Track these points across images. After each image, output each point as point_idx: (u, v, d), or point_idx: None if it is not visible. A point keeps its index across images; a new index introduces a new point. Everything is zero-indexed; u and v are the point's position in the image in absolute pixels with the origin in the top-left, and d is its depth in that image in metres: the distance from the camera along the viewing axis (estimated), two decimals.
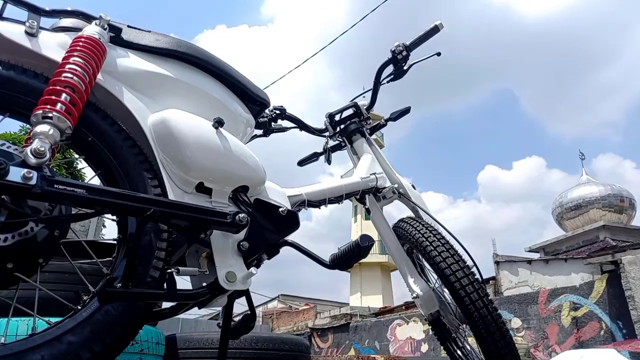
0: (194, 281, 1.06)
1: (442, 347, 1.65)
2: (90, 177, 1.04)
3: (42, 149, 0.76)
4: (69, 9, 1.00)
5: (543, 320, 8.61)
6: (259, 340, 2.54)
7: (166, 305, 1.13)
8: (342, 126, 1.81)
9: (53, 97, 0.80)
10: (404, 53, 1.67)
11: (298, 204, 1.31)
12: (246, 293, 1.12)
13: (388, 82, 1.78)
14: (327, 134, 1.84)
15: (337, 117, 1.80)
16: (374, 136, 1.88)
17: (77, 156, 0.97)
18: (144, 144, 0.98)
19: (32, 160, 0.75)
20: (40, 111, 0.78)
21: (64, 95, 0.81)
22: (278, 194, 1.20)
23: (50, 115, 0.78)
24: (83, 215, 0.89)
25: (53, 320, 0.81)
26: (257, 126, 1.67)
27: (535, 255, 14.30)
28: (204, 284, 0.99)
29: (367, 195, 1.63)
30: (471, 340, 1.42)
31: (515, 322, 8.95)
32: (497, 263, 11.42)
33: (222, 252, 1.00)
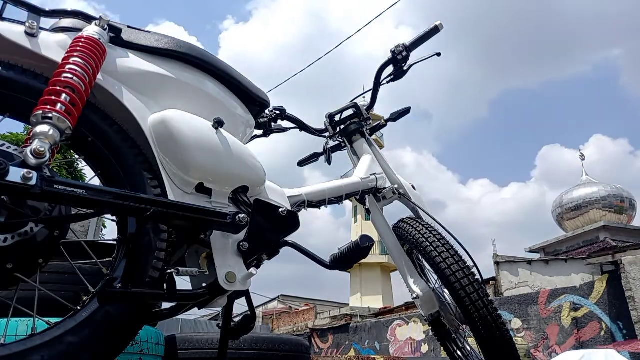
0: (193, 282, 1.06)
1: (442, 348, 1.65)
2: (91, 177, 1.04)
3: (42, 149, 0.76)
4: (69, 9, 1.00)
5: (543, 321, 8.61)
6: (258, 341, 2.53)
7: (166, 305, 1.13)
8: (342, 127, 1.81)
9: (53, 98, 0.80)
10: (404, 53, 1.67)
11: (298, 205, 1.31)
12: (246, 293, 1.12)
13: (388, 82, 1.78)
14: (327, 134, 1.84)
15: (337, 118, 1.80)
16: (374, 136, 1.88)
17: (77, 157, 0.97)
18: (144, 144, 0.98)
19: (32, 160, 0.75)
20: (40, 111, 0.78)
21: (63, 95, 0.81)
22: (278, 195, 1.20)
23: (50, 115, 0.78)
24: (83, 215, 0.89)
25: (53, 320, 0.81)
26: (257, 126, 1.66)
27: (536, 256, 14.31)
28: (204, 285, 0.99)
29: (367, 196, 1.63)
30: (471, 340, 1.42)
31: (516, 323, 8.95)
32: (497, 264, 11.42)
33: (222, 252, 1.00)
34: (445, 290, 1.48)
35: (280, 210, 1.13)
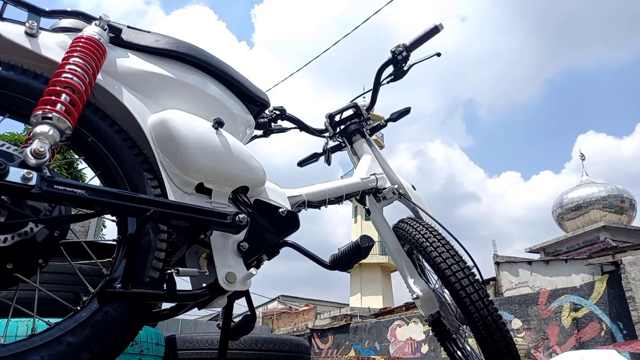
0: (193, 282, 1.06)
1: (442, 348, 1.65)
2: (90, 177, 1.04)
3: (42, 149, 0.76)
4: (69, 9, 1.00)
5: (543, 321, 8.60)
6: (258, 341, 2.53)
7: (166, 305, 1.13)
8: (342, 127, 1.81)
9: (53, 98, 0.80)
10: (404, 54, 1.67)
11: (298, 205, 1.31)
12: (246, 294, 1.11)
13: (388, 82, 1.78)
14: (327, 134, 1.84)
15: (337, 118, 1.80)
16: (374, 137, 1.88)
17: (77, 157, 0.97)
18: (144, 144, 0.98)
19: (32, 160, 0.75)
20: (40, 112, 0.78)
21: (63, 95, 0.81)
22: (278, 195, 1.20)
23: (50, 115, 0.78)
24: (83, 215, 0.89)
25: (53, 321, 0.81)
26: (257, 127, 1.67)
27: (536, 256, 14.29)
28: (204, 285, 0.99)
29: (367, 196, 1.63)
30: (471, 341, 1.42)
31: (516, 323, 8.95)
32: (497, 264, 11.42)
33: (222, 252, 1.00)
34: (445, 291, 1.48)
35: (280, 210, 1.14)
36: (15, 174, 0.72)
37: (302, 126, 1.79)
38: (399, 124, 1.85)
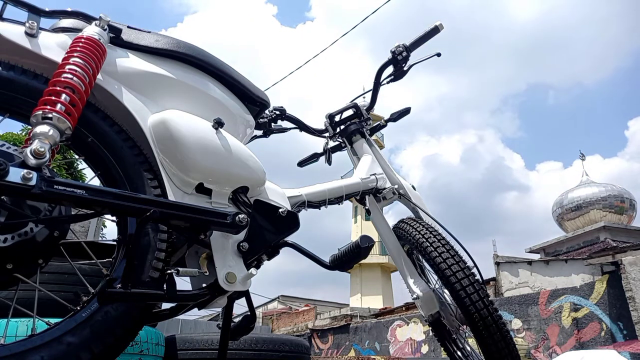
0: (193, 282, 1.06)
1: (442, 348, 1.65)
2: (91, 177, 1.04)
3: (42, 149, 0.76)
4: (69, 9, 1.00)
5: (543, 321, 8.60)
6: (258, 342, 2.53)
7: (166, 306, 1.13)
8: (342, 127, 1.81)
9: (53, 98, 0.80)
10: (404, 54, 1.67)
11: (298, 205, 1.31)
12: (246, 294, 1.12)
13: (388, 82, 1.78)
14: (327, 134, 1.84)
15: (337, 118, 1.81)
16: (374, 137, 1.88)
17: (77, 157, 0.97)
18: (144, 144, 0.98)
19: (32, 161, 0.75)
20: (40, 112, 0.78)
21: (63, 96, 0.81)
22: (278, 195, 1.20)
23: (50, 116, 0.78)
24: (83, 215, 0.89)
25: (53, 321, 0.81)
26: (257, 127, 1.67)
27: (536, 256, 14.29)
28: (204, 285, 0.99)
29: (367, 196, 1.63)
30: (471, 341, 1.42)
31: (516, 323, 8.95)
32: (497, 264, 11.42)
33: (222, 253, 1.00)
34: (446, 291, 1.48)
35: (280, 210, 1.14)
36: (15, 174, 0.72)
37: (302, 126, 1.79)
38: (453, 110, 1.85)
